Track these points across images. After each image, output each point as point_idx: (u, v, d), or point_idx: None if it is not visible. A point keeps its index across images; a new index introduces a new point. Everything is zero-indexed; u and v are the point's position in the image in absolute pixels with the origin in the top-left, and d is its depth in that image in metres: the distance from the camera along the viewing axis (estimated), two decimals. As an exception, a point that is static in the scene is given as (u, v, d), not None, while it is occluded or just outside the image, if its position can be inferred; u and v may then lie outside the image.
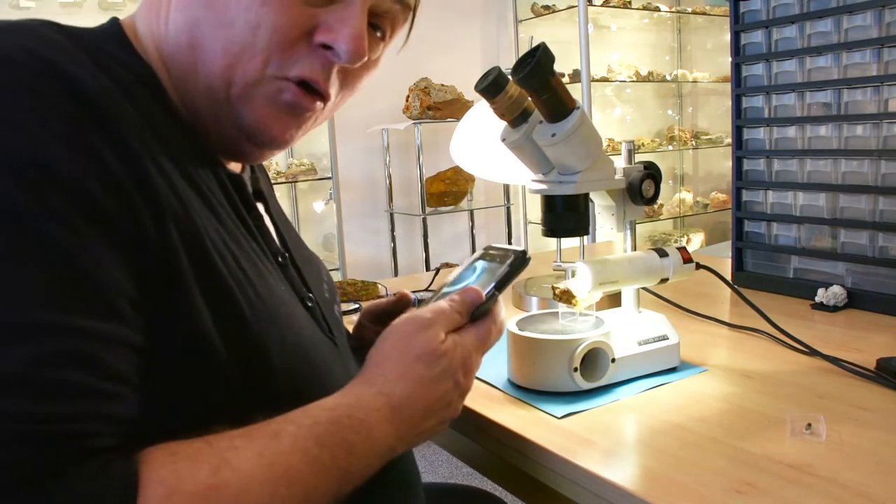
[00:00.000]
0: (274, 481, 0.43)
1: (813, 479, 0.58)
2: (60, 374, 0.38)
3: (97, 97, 0.45)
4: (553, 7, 3.27)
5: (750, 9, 1.17)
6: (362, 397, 0.52)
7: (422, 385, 0.54)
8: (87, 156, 0.43)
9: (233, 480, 0.41)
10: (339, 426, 0.49)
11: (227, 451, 0.43)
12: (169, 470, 0.40)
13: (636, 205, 0.84)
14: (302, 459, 0.45)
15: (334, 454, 0.47)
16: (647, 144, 3.58)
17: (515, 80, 0.73)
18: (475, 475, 2.21)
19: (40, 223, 0.40)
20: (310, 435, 0.47)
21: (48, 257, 0.40)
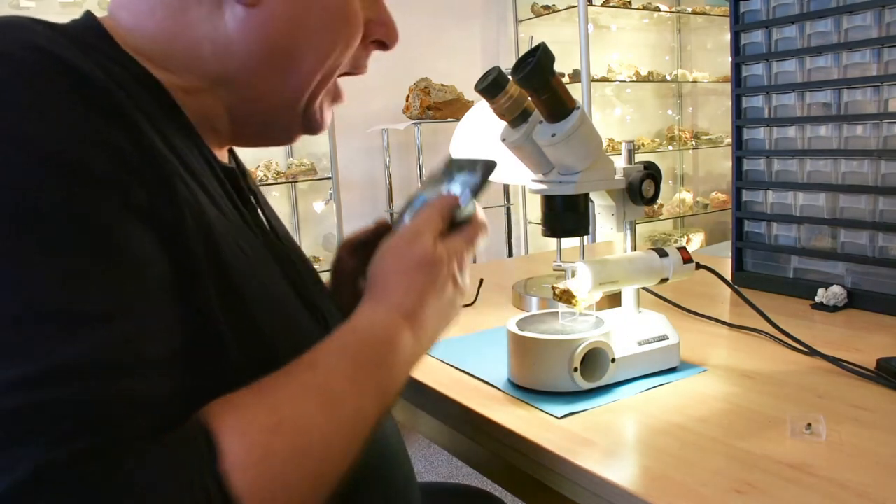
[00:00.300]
0: (326, 407, 0.46)
1: (813, 479, 0.58)
2: (132, 352, 0.40)
3: (106, 90, 0.46)
4: (553, 7, 3.27)
5: (750, 9, 1.17)
6: (377, 316, 0.55)
7: (427, 292, 0.57)
8: (111, 148, 0.43)
9: (291, 414, 0.44)
10: (367, 345, 0.52)
11: (277, 391, 0.45)
12: (233, 418, 0.42)
13: (636, 205, 0.84)
14: (344, 382, 0.48)
15: (370, 371, 0.50)
16: (647, 144, 3.58)
17: (515, 80, 0.73)
18: (475, 475, 2.21)
19: (85, 213, 0.41)
20: (343, 358, 0.50)
21: (102, 246, 0.41)
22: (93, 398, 0.38)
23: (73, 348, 0.38)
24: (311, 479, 0.44)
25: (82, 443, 0.37)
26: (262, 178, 2.72)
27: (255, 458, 0.41)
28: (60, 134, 0.42)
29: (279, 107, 0.59)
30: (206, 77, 0.55)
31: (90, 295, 0.40)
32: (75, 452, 0.36)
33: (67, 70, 0.44)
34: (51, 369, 0.37)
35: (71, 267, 0.40)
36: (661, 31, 3.83)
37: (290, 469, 0.42)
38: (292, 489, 0.42)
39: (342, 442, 0.46)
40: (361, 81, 0.66)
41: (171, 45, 0.54)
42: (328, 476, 0.45)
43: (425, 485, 1.01)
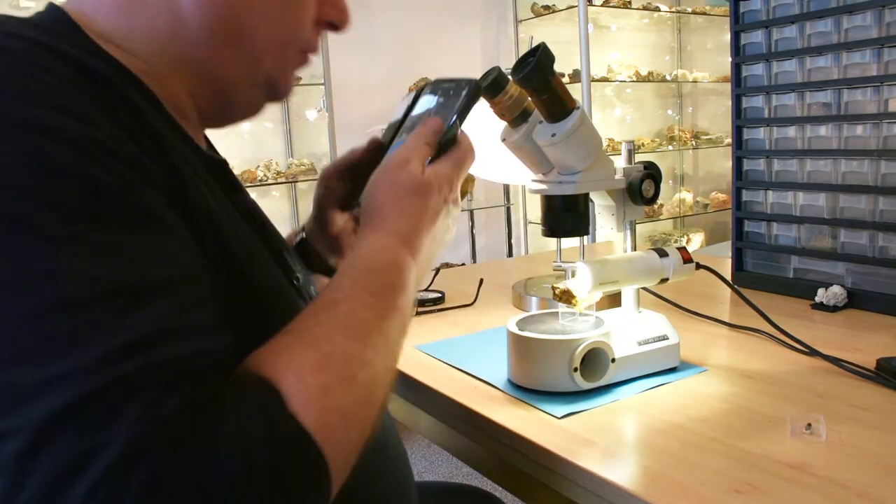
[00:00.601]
0: (359, 335, 0.49)
1: (813, 479, 0.58)
2: (192, 317, 0.42)
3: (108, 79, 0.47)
4: (553, 7, 3.27)
5: (750, 9, 1.17)
6: (378, 243, 0.57)
7: (420, 214, 0.59)
8: (123, 130, 0.45)
9: (332, 349, 0.46)
10: (376, 272, 0.54)
11: (312, 331, 0.47)
12: (283, 361, 0.44)
13: (636, 205, 0.84)
14: (366, 311, 0.50)
15: (386, 296, 0.53)
16: (647, 144, 3.58)
17: (515, 80, 0.73)
18: (475, 475, 2.22)
19: (118, 189, 0.42)
20: (360, 289, 0.52)
21: (141, 220, 0.43)
22: (171, 362, 0.39)
23: (143, 319, 0.40)
24: (363, 403, 0.47)
25: (170, 406, 0.38)
26: (262, 178, 2.72)
27: (314, 394, 0.43)
28: (78, 120, 0.43)
29: (239, 82, 0.59)
30: (166, 57, 0.55)
31: (146, 267, 0.41)
32: (163, 418, 0.38)
33: (67, 60, 0.46)
34: (126, 343, 0.38)
35: (121, 242, 0.41)
36: (661, 31, 3.83)
37: (344, 398, 0.45)
38: (349, 416, 0.45)
39: (380, 364, 0.49)
40: (362, 81, 0.66)
41: (129, 25, 0.54)
42: (376, 398, 0.49)
43: (425, 485, 1.01)
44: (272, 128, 2.94)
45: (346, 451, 0.45)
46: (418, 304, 1.16)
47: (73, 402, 0.36)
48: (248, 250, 0.54)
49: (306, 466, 0.41)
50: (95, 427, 0.36)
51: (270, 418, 0.41)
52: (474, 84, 0.66)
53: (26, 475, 0.36)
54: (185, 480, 0.37)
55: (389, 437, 0.68)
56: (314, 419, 0.42)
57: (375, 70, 2.97)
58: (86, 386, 0.37)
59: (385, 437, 0.67)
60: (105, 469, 0.36)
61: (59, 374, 0.37)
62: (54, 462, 0.36)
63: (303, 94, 2.89)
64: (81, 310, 0.38)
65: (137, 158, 0.45)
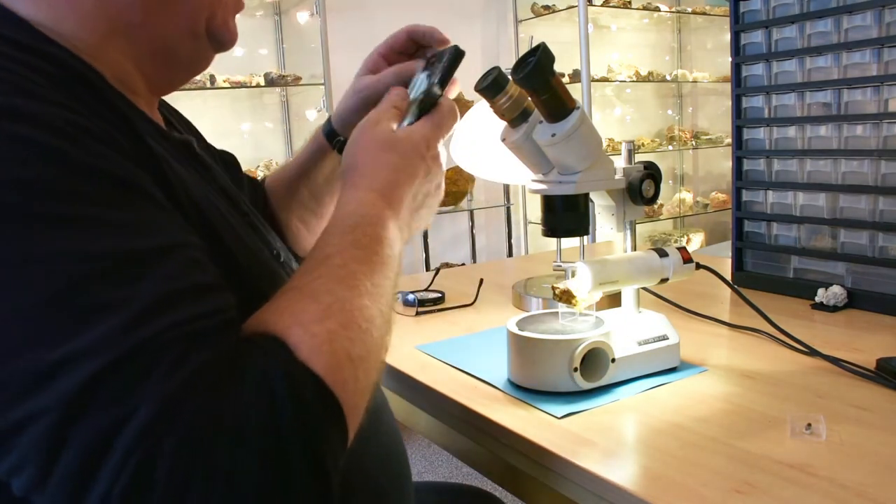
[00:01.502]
0: (352, 286, 0.50)
1: (813, 479, 0.58)
2: (196, 278, 0.44)
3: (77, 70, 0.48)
4: (553, 7, 3.27)
5: (750, 9, 1.17)
6: (356, 199, 0.58)
7: (395, 168, 0.60)
8: (92, 111, 0.46)
9: (331, 300, 0.48)
10: (360, 227, 0.55)
11: (310, 286, 0.49)
12: (286, 316, 0.46)
13: (636, 205, 0.84)
14: (355, 263, 0.52)
15: (374, 249, 0.54)
16: (647, 144, 3.57)
17: (515, 80, 0.73)
18: (475, 475, 2.21)
19: (103, 166, 0.43)
20: (348, 244, 0.54)
21: (129, 194, 0.44)
22: (184, 323, 0.41)
23: (150, 286, 0.41)
24: (367, 347, 0.49)
25: (191, 365, 0.40)
26: (262, 178, 2.72)
27: (320, 342, 0.45)
28: (48, 103, 0.43)
29: (179, 38, 0.58)
30: (99, 33, 0.54)
31: (142, 237, 0.43)
32: (187, 377, 0.39)
33: (22, 47, 0.46)
34: (137, 312, 0.40)
35: (112, 217, 0.42)
36: (661, 31, 3.83)
37: (349, 343, 0.47)
38: (355, 358, 0.47)
39: (375, 310, 0.51)
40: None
41: (54, 9, 0.53)
42: (377, 341, 0.50)
43: (425, 485, 1.01)
44: (272, 128, 2.94)
45: (356, 391, 0.46)
46: (418, 303, 1.16)
47: (97, 375, 0.37)
48: (229, 224, 0.56)
49: (324, 407, 0.43)
50: (122, 395, 0.38)
51: (285, 367, 0.43)
52: (456, 50, 0.69)
53: (58, 453, 0.37)
54: (219, 433, 0.38)
55: (385, 437, 0.68)
56: (324, 363, 0.44)
57: (375, 70, 2.96)
58: (106, 357, 0.38)
59: (381, 437, 0.67)
60: (138, 434, 0.37)
61: (78, 351, 0.38)
62: (86, 435, 0.37)
63: (303, 94, 2.89)
64: (87, 287, 0.39)
65: (108, 133, 0.45)
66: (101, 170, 0.43)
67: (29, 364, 0.38)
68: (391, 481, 0.67)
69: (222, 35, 0.61)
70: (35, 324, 0.38)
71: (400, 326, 1.10)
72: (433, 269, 1.37)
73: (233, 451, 0.38)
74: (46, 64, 0.46)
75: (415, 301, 1.16)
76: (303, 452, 0.41)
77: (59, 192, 0.41)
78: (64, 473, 0.37)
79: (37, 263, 0.39)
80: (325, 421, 0.43)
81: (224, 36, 0.61)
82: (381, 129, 0.63)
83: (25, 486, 0.39)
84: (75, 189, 0.41)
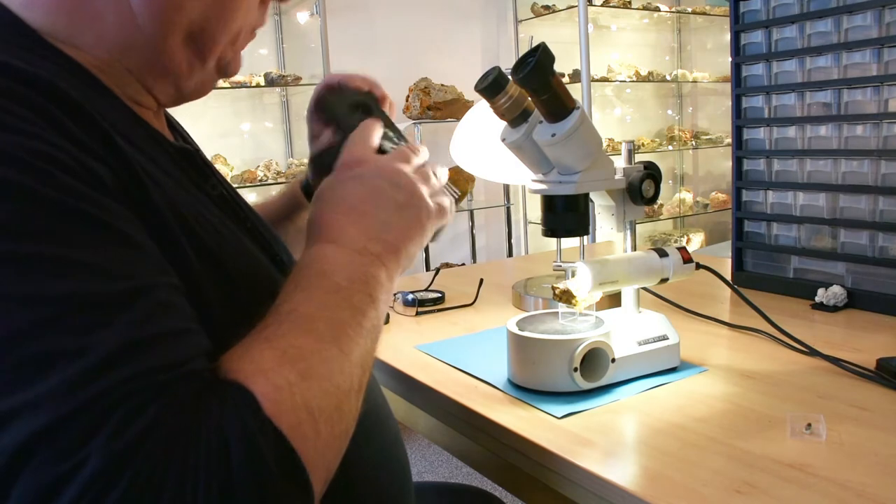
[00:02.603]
0: (310, 332, 0.48)
1: (813, 479, 0.58)
2: (159, 326, 0.41)
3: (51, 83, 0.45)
4: (553, 7, 3.27)
5: (750, 9, 1.17)
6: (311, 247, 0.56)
7: (345, 184, 0.60)
8: (68, 138, 0.43)
9: (286, 345, 0.46)
10: (306, 267, 0.54)
11: (265, 330, 0.47)
12: (246, 364, 0.44)
13: (636, 205, 0.84)
14: (313, 308, 0.50)
15: (319, 284, 0.52)
16: (647, 144, 3.57)
17: (515, 80, 0.73)
18: (475, 475, 2.21)
19: (70, 203, 0.41)
20: (299, 288, 0.51)
21: (98, 232, 0.42)
22: (141, 375, 0.39)
23: (110, 335, 0.39)
24: (326, 395, 0.46)
25: (145, 420, 0.38)
26: (262, 178, 2.72)
27: (282, 394, 0.43)
28: (17, 134, 0.41)
29: (192, 73, 0.59)
30: (112, 49, 0.54)
31: (106, 280, 0.40)
32: (138, 433, 0.37)
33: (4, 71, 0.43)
34: (95, 362, 0.38)
35: (77, 258, 0.40)
36: (661, 31, 3.83)
37: (307, 393, 0.44)
38: (314, 410, 0.44)
39: (338, 356, 0.48)
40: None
41: (72, 18, 0.52)
42: (341, 389, 0.47)
43: (425, 485, 1.01)
44: (272, 127, 2.94)
45: (319, 446, 0.44)
46: (418, 303, 1.16)
47: (46, 428, 0.36)
48: (220, 235, 0.54)
49: (285, 469, 0.41)
50: (69, 450, 0.36)
51: (245, 422, 0.40)
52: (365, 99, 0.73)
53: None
54: (164, 494, 0.36)
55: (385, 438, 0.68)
56: (285, 418, 0.42)
57: (375, 70, 2.95)
58: (56, 410, 0.36)
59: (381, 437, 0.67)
60: (80, 490, 0.35)
61: (29, 401, 0.36)
62: (27, 489, 0.36)
63: (303, 94, 2.89)
64: (44, 333, 0.37)
65: (85, 165, 0.43)
66: (67, 206, 0.40)
67: None
68: (391, 482, 0.67)
69: (230, 67, 0.62)
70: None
71: (400, 326, 1.10)
72: (433, 269, 1.37)
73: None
74: (26, 89, 0.43)
75: (415, 301, 1.16)
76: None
77: (16, 230, 0.39)
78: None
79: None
80: (286, 483, 0.41)
81: (231, 68, 0.62)
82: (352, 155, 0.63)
83: None
84: (35, 227, 0.39)
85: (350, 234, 0.57)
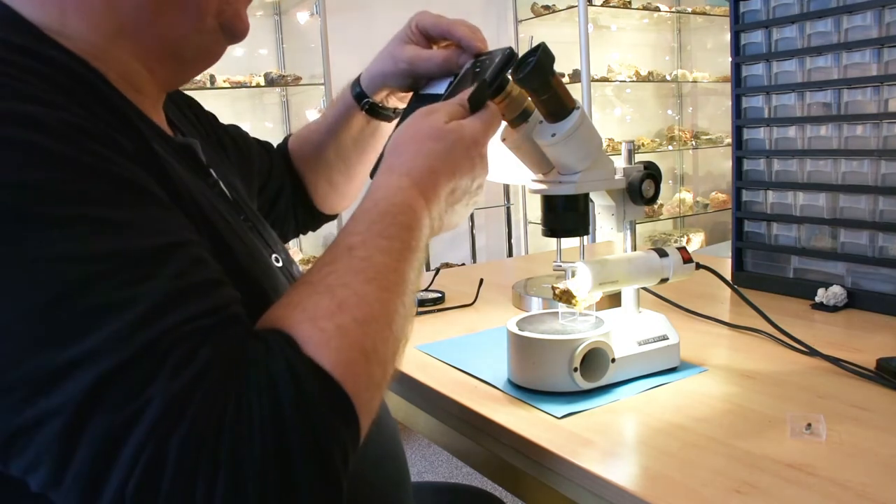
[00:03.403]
0: (373, 279, 0.50)
1: (813, 479, 0.58)
2: (200, 275, 0.44)
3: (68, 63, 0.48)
4: (553, 7, 3.27)
5: (750, 9, 1.17)
6: (391, 185, 0.57)
7: (437, 157, 0.59)
8: (92, 113, 0.46)
9: (347, 294, 0.47)
10: (389, 214, 0.54)
11: (327, 279, 0.49)
12: (297, 312, 0.46)
13: (636, 205, 0.84)
14: (382, 254, 0.51)
15: (401, 238, 0.54)
16: (647, 144, 3.57)
17: (515, 80, 0.73)
18: (475, 475, 2.21)
19: (102, 166, 0.43)
20: (375, 234, 0.53)
21: (131, 194, 0.44)
22: (189, 321, 0.41)
23: (155, 285, 0.41)
24: (383, 340, 0.48)
25: (197, 363, 0.40)
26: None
27: (329, 336, 0.45)
28: (47, 106, 0.43)
29: (187, 35, 0.58)
30: (105, 33, 0.54)
31: (145, 237, 0.43)
32: (193, 375, 0.40)
33: (23, 50, 0.46)
34: (144, 312, 0.40)
35: (114, 217, 0.42)
36: (661, 31, 3.83)
37: (362, 337, 0.46)
38: (370, 353, 0.46)
39: (397, 303, 0.50)
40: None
41: (61, 11, 0.53)
42: (396, 335, 0.50)
43: (425, 485, 1.01)
44: (272, 128, 2.94)
45: (370, 385, 0.46)
46: (418, 304, 1.16)
47: (105, 376, 0.38)
48: (228, 224, 0.56)
49: (331, 402, 0.43)
50: (130, 395, 0.38)
51: (288, 362, 0.42)
52: (508, 52, 0.68)
53: (72, 452, 0.38)
54: (221, 430, 0.39)
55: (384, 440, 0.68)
56: (333, 358, 0.44)
57: (375, 70, 2.96)
58: (114, 358, 0.38)
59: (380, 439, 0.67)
60: (146, 433, 0.37)
61: (87, 352, 0.38)
62: (96, 435, 0.38)
63: (303, 94, 2.89)
64: (92, 288, 0.40)
65: (107, 134, 0.45)
66: (102, 170, 0.43)
67: (41, 365, 0.38)
68: (389, 483, 0.67)
69: (235, 26, 0.60)
70: (44, 325, 0.39)
71: (400, 326, 1.10)
72: (433, 269, 1.37)
73: (235, 446, 0.39)
74: (47, 67, 0.46)
75: (415, 301, 1.16)
76: (307, 448, 0.41)
77: (59, 194, 0.41)
78: (77, 472, 0.38)
79: (41, 265, 0.39)
80: (332, 416, 0.43)
81: (237, 27, 0.60)
82: (434, 118, 0.62)
83: (41, 484, 0.39)
84: (76, 190, 0.41)
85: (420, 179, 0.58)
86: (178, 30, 0.57)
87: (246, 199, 0.73)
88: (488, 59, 0.70)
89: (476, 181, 0.64)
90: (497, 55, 0.69)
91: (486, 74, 0.67)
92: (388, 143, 0.62)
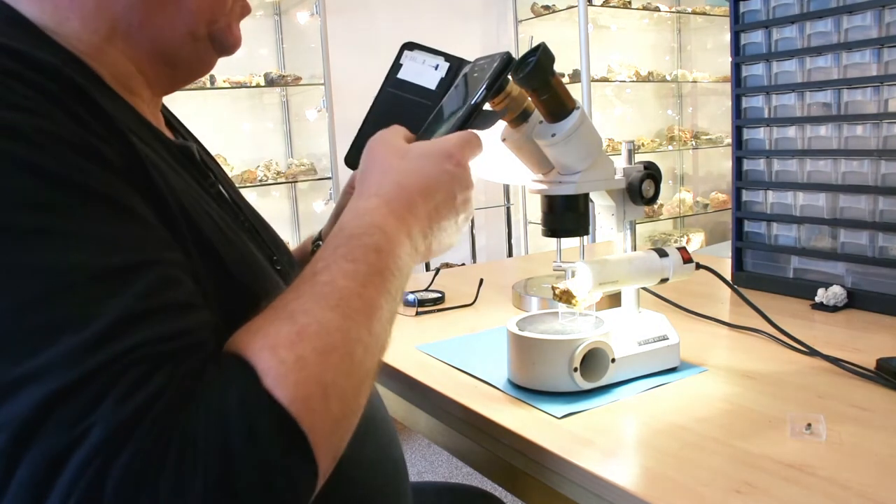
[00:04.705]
0: (338, 307, 0.48)
1: (813, 479, 0.58)
2: (163, 298, 0.42)
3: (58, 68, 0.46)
4: (553, 7, 3.27)
5: (750, 9, 1.17)
6: (359, 207, 0.56)
7: (404, 174, 0.58)
8: (73, 118, 0.44)
9: (310, 322, 0.46)
10: (355, 237, 0.53)
11: (290, 305, 0.47)
12: (259, 338, 0.44)
13: (636, 205, 0.84)
14: (346, 279, 0.49)
15: (366, 260, 0.51)
16: (647, 144, 3.58)
17: (515, 80, 0.73)
18: (475, 475, 2.21)
19: (77, 178, 0.42)
20: (339, 257, 0.51)
21: (104, 207, 0.42)
22: (146, 345, 0.39)
23: (115, 305, 0.39)
24: (344, 373, 0.46)
25: (148, 390, 0.38)
26: (262, 178, 2.72)
27: (288, 368, 0.43)
28: (23, 112, 0.42)
29: (179, 41, 0.57)
30: (99, 32, 0.54)
31: (112, 253, 0.41)
32: (142, 402, 0.38)
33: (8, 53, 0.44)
34: (100, 331, 0.38)
35: (83, 231, 0.41)
36: (661, 31, 3.83)
37: (321, 370, 0.44)
38: (328, 386, 0.44)
39: (361, 331, 0.48)
40: (362, 81, 0.66)
41: (55, 8, 0.53)
42: (362, 365, 0.48)
43: (425, 485, 1.01)
44: (272, 128, 2.94)
45: (326, 419, 0.44)
46: (418, 303, 1.16)
47: (53, 395, 0.37)
48: (219, 228, 0.54)
49: (283, 438, 0.41)
50: (76, 417, 0.37)
51: (244, 394, 0.41)
52: (505, 56, 0.68)
53: (11, 472, 0.37)
54: (164, 462, 0.37)
55: (381, 439, 0.68)
56: (290, 393, 0.42)
57: (375, 70, 2.96)
58: (64, 378, 0.37)
59: (376, 439, 0.67)
60: (86, 459, 0.36)
61: (37, 369, 0.37)
62: (37, 456, 0.36)
63: (303, 94, 2.89)
64: (52, 302, 0.38)
65: (92, 145, 0.44)
66: (76, 182, 0.41)
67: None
68: (387, 483, 0.67)
69: (225, 38, 0.60)
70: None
71: (400, 326, 1.10)
72: (433, 269, 1.37)
73: (178, 480, 0.37)
74: (35, 73, 0.44)
75: (415, 301, 1.16)
76: (252, 484, 0.39)
77: (26, 204, 0.39)
78: (18, 491, 0.37)
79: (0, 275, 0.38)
80: (283, 452, 0.41)
81: (227, 40, 0.60)
82: (389, 138, 0.61)
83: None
84: (44, 201, 0.40)
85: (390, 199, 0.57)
86: (169, 33, 0.57)
87: (246, 201, 0.73)
88: (487, 63, 0.70)
89: (460, 195, 0.61)
90: (496, 60, 0.68)
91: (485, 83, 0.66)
92: (358, 169, 0.62)
